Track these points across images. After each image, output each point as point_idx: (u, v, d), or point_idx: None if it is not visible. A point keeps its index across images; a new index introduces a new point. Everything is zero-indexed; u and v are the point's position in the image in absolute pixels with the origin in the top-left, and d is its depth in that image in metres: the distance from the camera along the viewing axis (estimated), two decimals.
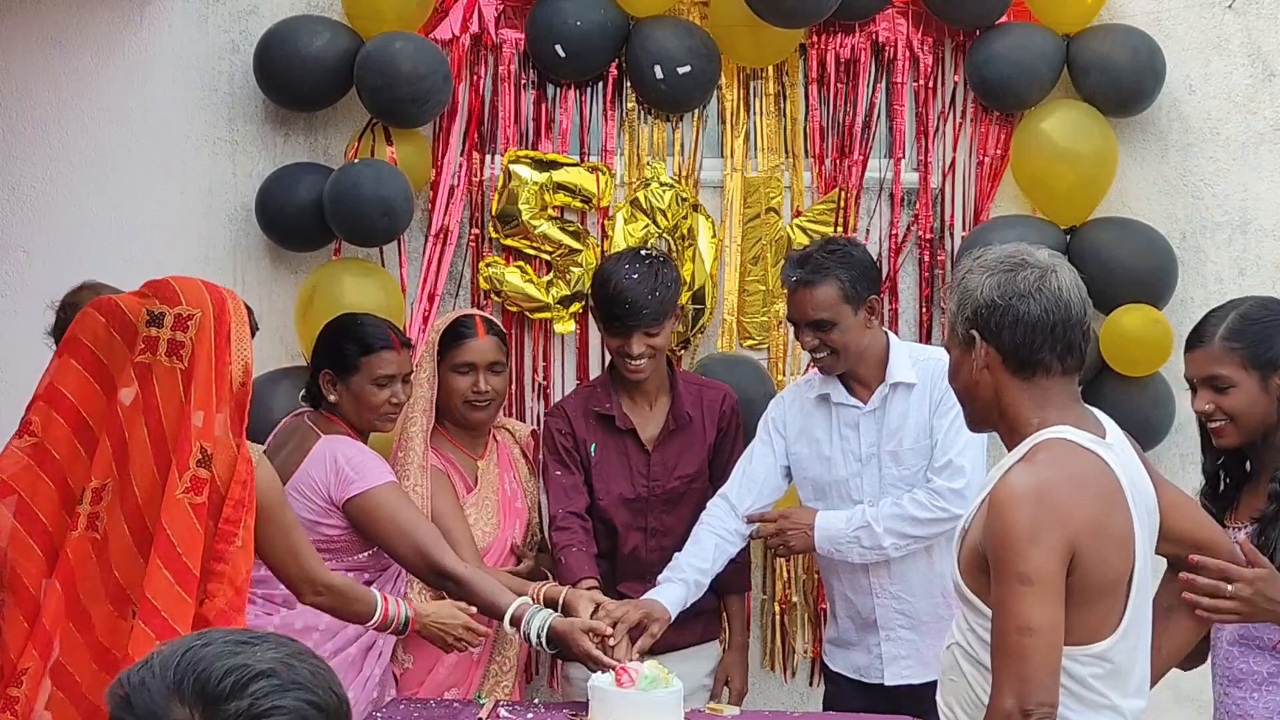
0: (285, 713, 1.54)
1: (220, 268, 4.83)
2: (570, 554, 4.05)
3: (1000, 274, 2.63)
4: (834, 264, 3.91)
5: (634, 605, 3.86)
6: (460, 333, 4.12)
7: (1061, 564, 2.48)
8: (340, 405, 3.93)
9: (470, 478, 4.16)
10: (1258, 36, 4.95)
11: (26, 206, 4.87)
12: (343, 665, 3.83)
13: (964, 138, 4.94)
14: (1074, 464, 2.57)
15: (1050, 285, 2.63)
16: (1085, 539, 2.51)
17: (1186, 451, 4.97)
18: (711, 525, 4.04)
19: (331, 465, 3.81)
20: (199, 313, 3.08)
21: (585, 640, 3.66)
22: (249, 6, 4.86)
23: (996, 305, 2.62)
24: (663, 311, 4.10)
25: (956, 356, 2.72)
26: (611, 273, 4.12)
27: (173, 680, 1.53)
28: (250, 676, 1.54)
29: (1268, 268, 4.96)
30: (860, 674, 4.09)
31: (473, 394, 4.10)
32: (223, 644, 1.57)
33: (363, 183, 4.52)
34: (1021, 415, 2.64)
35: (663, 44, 4.75)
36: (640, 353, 4.10)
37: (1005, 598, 2.49)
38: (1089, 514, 2.53)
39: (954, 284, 2.71)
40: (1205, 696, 4.98)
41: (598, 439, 4.21)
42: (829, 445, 4.05)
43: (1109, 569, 2.55)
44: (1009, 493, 2.52)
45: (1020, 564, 2.47)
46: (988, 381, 2.66)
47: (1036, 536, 2.47)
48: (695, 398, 4.28)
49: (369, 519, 3.77)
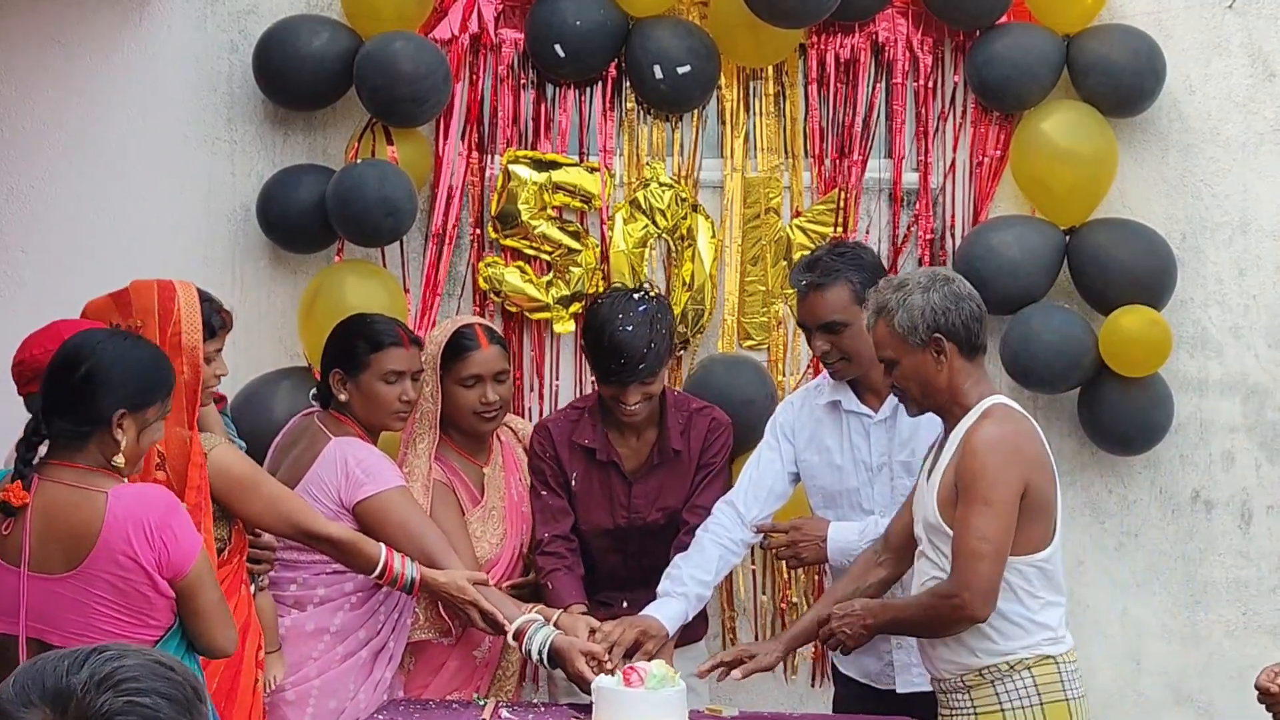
0: (131, 670, 1.57)
1: (220, 268, 4.83)
2: (557, 578, 4.01)
3: (937, 289, 3.40)
4: (844, 266, 3.88)
5: (630, 624, 3.83)
6: (463, 345, 4.05)
7: (1017, 494, 3.30)
8: (351, 404, 3.93)
9: (476, 488, 4.12)
10: (1258, 36, 4.95)
11: (26, 206, 4.87)
12: (353, 668, 3.84)
13: (964, 138, 4.94)
14: (1018, 419, 3.41)
15: (968, 288, 3.47)
16: (1033, 473, 3.34)
17: (1186, 452, 4.97)
18: (717, 535, 3.97)
19: (342, 467, 3.80)
20: (145, 323, 3.22)
21: (581, 662, 3.67)
22: (248, 6, 4.86)
23: (949, 309, 3.39)
24: (660, 362, 4.00)
25: (915, 360, 3.41)
26: (606, 321, 3.99)
27: (16, 698, 1.56)
28: (84, 656, 1.59)
29: (1268, 268, 4.96)
30: (871, 680, 4.04)
31: (480, 405, 4.05)
32: (54, 653, 1.61)
33: (366, 183, 4.52)
34: (963, 392, 3.42)
35: (662, 44, 4.75)
36: (636, 402, 4.02)
37: (969, 515, 3.29)
38: (1035, 453, 3.37)
39: (891, 310, 3.40)
40: (1205, 696, 5.01)
41: (579, 468, 4.13)
42: (839, 454, 3.99)
43: (1045, 494, 3.38)
44: (983, 440, 3.32)
45: (987, 491, 3.27)
46: (945, 372, 3.41)
47: (1003, 473, 3.28)
48: (684, 427, 4.15)
49: (378, 522, 3.77)
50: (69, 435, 2.97)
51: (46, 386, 2.98)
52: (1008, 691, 3.42)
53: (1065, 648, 3.44)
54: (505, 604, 3.79)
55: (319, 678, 3.80)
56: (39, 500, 2.94)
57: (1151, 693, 5.02)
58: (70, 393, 2.95)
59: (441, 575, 3.73)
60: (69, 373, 2.96)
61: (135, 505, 2.93)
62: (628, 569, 4.14)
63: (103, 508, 2.91)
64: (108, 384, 2.95)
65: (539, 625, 3.73)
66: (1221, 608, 4.99)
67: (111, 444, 2.96)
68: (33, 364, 3.28)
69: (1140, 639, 5.00)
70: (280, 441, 4.00)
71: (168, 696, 1.57)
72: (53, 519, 2.93)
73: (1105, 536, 5.00)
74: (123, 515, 2.90)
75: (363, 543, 3.68)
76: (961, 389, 3.41)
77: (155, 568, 2.92)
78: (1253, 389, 4.97)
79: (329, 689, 3.81)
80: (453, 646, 4.04)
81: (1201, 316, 4.96)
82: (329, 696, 3.81)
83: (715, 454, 4.15)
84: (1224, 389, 4.97)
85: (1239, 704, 4.98)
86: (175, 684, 1.59)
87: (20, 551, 2.92)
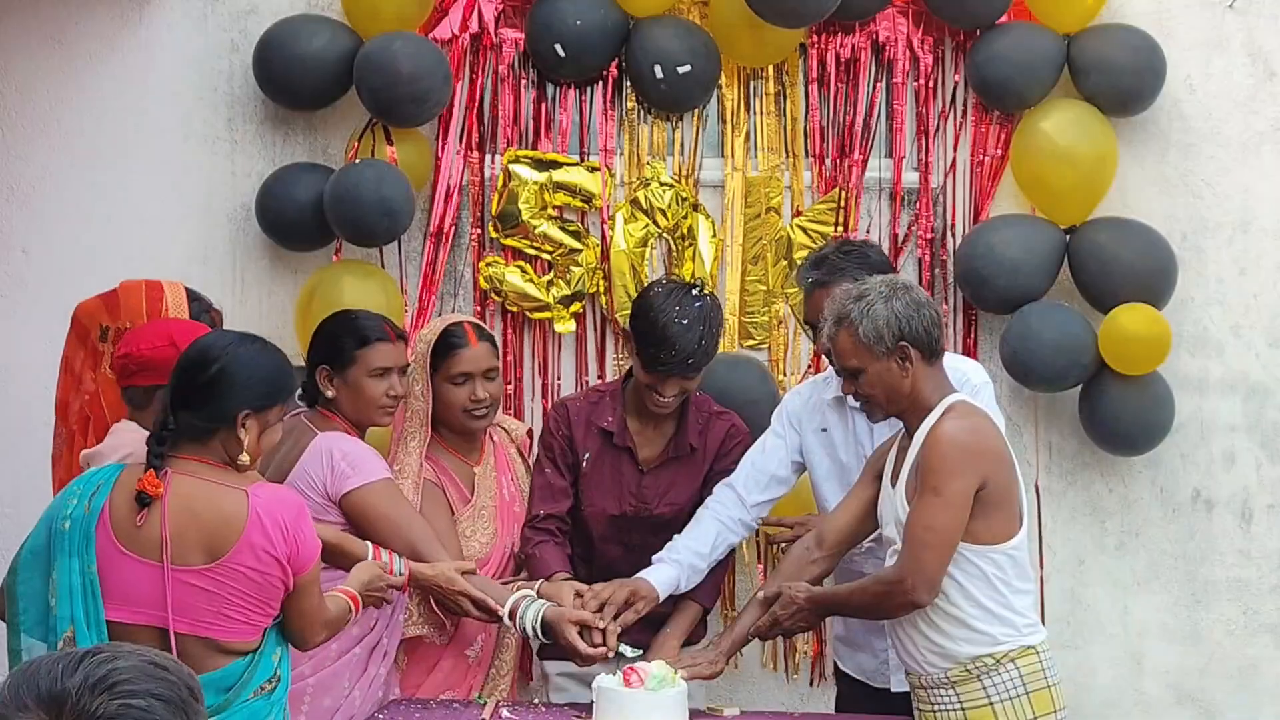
0: (125, 672, 1.59)
1: (220, 267, 4.84)
2: (544, 548, 4.01)
3: (899, 297, 3.49)
4: (850, 265, 3.88)
5: (620, 584, 3.84)
6: (452, 343, 4.05)
7: (971, 489, 3.39)
8: (338, 400, 3.93)
9: (467, 487, 4.12)
10: (1258, 36, 4.95)
11: (26, 205, 4.87)
12: (348, 665, 3.83)
13: (964, 137, 4.94)
14: (978, 416, 3.52)
15: (925, 294, 3.59)
16: (991, 467, 3.44)
17: (1187, 451, 4.97)
18: (716, 511, 3.98)
19: (327, 460, 3.80)
20: (134, 324, 3.33)
21: (571, 631, 3.69)
22: (248, 6, 4.86)
23: (913, 316, 3.47)
24: (706, 359, 3.99)
25: (880, 368, 3.48)
26: (661, 311, 3.93)
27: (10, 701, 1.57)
28: (78, 659, 1.60)
29: (1268, 268, 4.96)
30: (867, 678, 4.05)
31: (471, 403, 4.05)
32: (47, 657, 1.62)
33: (363, 183, 4.52)
34: (925, 394, 3.51)
35: (663, 43, 4.75)
36: (673, 395, 4.01)
37: (921, 505, 3.41)
38: (994, 448, 3.48)
39: (853, 320, 3.47)
40: (1205, 696, 5.00)
41: (593, 449, 4.13)
42: (844, 449, 3.99)
43: (1004, 486, 3.46)
44: (944, 434, 3.43)
45: (940, 482, 3.38)
46: (909, 378, 3.48)
47: (959, 467, 3.39)
48: (702, 428, 4.16)
49: (364, 515, 3.78)
50: (195, 431, 3.07)
51: (176, 382, 3.09)
52: (995, 685, 3.47)
53: (1042, 636, 3.55)
54: (493, 588, 3.80)
55: (313, 676, 3.79)
56: (175, 493, 3.02)
57: (1152, 692, 5.02)
58: (200, 390, 3.07)
59: (429, 568, 3.74)
60: (200, 371, 3.07)
61: (274, 503, 3.05)
62: (628, 561, 4.13)
63: (245, 504, 3.02)
64: (235, 384, 3.07)
65: (529, 601, 3.74)
66: (1222, 607, 4.99)
67: (235, 442, 3.07)
68: (139, 358, 3.38)
69: (1141, 638, 5.00)
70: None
71: (161, 697, 1.58)
72: (196, 513, 3.01)
73: (1106, 536, 5.00)
74: (265, 512, 3.02)
75: (348, 542, 3.69)
76: (924, 392, 3.50)
77: (288, 561, 3.04)
78: (1253, 388, 4.97)
79: (324, 687, 3.80)
80: (445, 646, 4.03)
81: (1202, 316, 4.96)
82: (324, 694, 3.80)
83: (730, 461, 4.13)
84: (1224, 388, 4.96)
85: (1239, 703, 5.00)
86: (169, 684, 1.60)
87: (158, 545, 2.99)
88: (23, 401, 4.74)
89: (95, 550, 3.00)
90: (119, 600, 3.00)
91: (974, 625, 3.47)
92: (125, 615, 3.00)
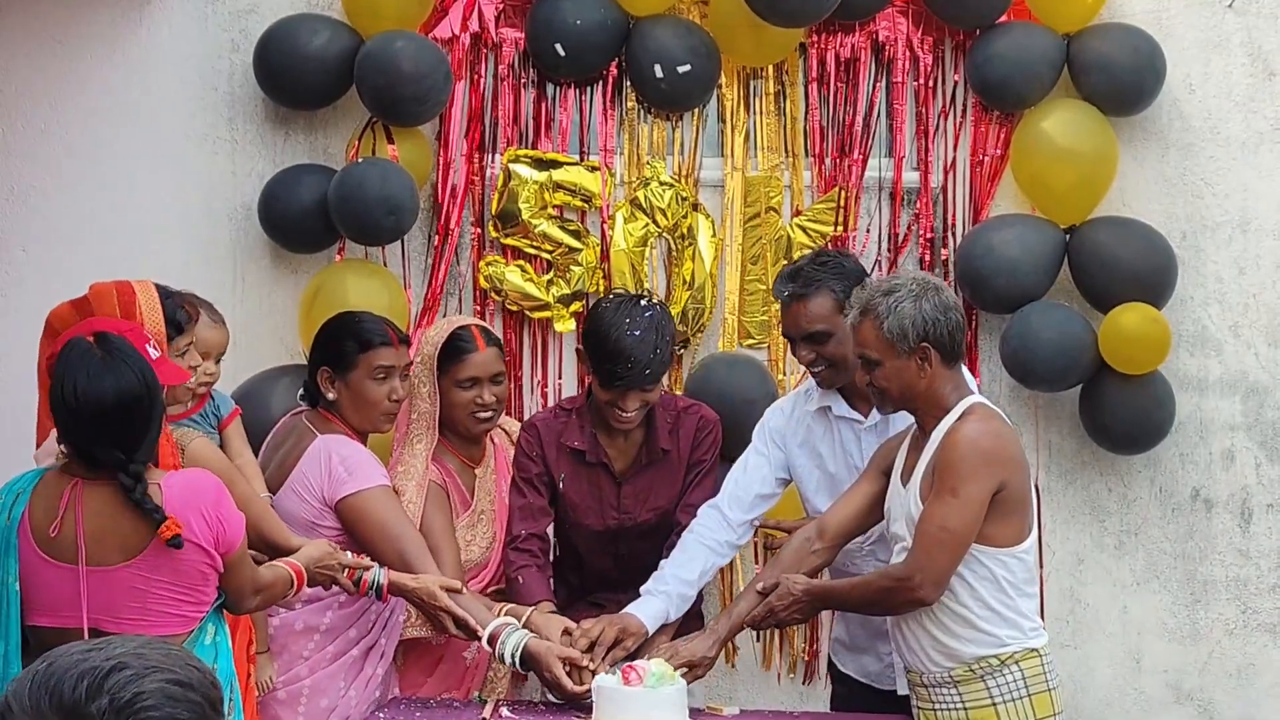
0: (148, 697, 1.56)
1: (220, 267, 4.84)
2: (528, 574, 3.98)
3: (929, 298, 3.48)
4: (826, 276, 3.85)
5: (609, 622, 3.79)
6: (460, 347, 4.04)
7: (988, 493, 3.41)
8: (339, 403, 3.92)
9: (467, 490, 4.11)
10: (1258, 36, 4.95)
11: (26, 206, 4.87)
12: (345, 666, 3.83)
13: (964, 137, 4.94)
14: (997, 419, 3.54)
15: (953, 296, 3.57)
16: (1009, 471, 3.45)
17: (1186, 450, 4.98)
18: (701, 535, 3.93)
19: (325, 463, 3.79)
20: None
21: (559, 668, 3.65)
22: (249, 5, 4.86)
23: (939, 319, 3.48)
24: (663, 369, 3.99)
25: (899, 364, 3.49)
26: (612, 326, 3.92)
27: (30, 706, 1.55)
28: (103, 675, 1.56)
29: (1268, 267, 4.96)
30: (872, 680, 4.03)
31: (476, 407, 4.05)
32: (68, 656, 1.59)
33: (368, 182, 4.52)
34: (942, 394, 3.52)
35: (663, 43, 4.76)
36: (635, 409, 3.99)
37: (934, 504, 3.42)
38: (1012, 452, 3.50)
39: (880, 314, 3.46)
40: (1205, 696, 5.01)
41: (567, 469, 4.10)
42: (832, 460, 3.97)
43: (1021, 491, 3.50)
44: (964, 437, 3.44)
45: (958, 483, 3.39)
46: (926, 377, 3.49)
47: (977, 470, 3.40)
48: (672, 426, 4.13)
49: (358, 521, 3.76)
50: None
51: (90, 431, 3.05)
52: (999, 685, 3.49)
53: (1044, 639, 3.58)
54: (476, 609, 3.75)
55: (310, 677, 3.80)
56: (90, 495, 3.01)
57: (1151, 691, 5.02)
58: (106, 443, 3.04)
59: (412, 580, 3.69)
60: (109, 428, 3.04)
61: (188, 491, 3.03)
62: (619, 571, 4.12)
63: (159, 497, 2.99)
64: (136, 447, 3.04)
65: (512, 629, 3.71)
66: (1221, 606, 4.99)
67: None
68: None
69: (1140, 637, 5.01)
70: (271, 440, 4.00)
71: None
72: (111, 514, 3.00)
73: (1105, 535, 5.00)
74: (182, 503, 3.00)
75: (268, 523, 3.59)
76: (941, 393, 3.52)
77: (214, 545, 3.02)
78: (1252, 388, 4.98)
79: (320, 688, 3.81)
80: (443, 647, 4.04)
81: (1201, 315, 4.96)
82: (320, 695, 3.81)
83: (705, 452, 4.14)
84: (1224, 388, 4.97)
85: (1239, 702, 5.00)
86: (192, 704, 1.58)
87: (74, 548, 2.97)
88: (23, 402, 4.72)
89: (18, 558, 2.99)
90: (44, 606, 2.99)
91: (981, 626, 3.49)
92: (49, 620, 2.99)
